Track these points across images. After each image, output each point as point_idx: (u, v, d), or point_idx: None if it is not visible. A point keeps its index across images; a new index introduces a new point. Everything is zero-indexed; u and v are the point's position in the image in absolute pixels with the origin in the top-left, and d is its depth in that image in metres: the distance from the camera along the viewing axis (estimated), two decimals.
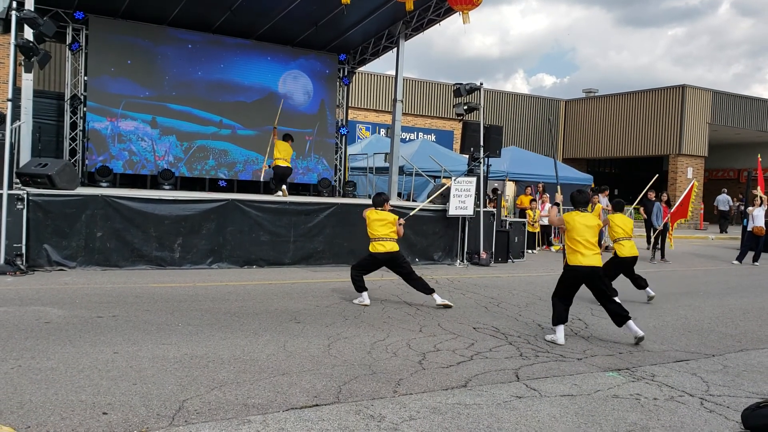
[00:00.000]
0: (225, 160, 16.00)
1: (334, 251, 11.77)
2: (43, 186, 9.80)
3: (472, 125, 13.84)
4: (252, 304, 7.82)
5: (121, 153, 14.81)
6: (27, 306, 7.03)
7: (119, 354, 5.34)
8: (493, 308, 8.38)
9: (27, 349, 5.34)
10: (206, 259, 10.64)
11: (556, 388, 5.04)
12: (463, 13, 12.22)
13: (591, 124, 34.45)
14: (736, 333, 7.59)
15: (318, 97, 17.26)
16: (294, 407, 4.33)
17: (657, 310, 8.80)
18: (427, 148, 20.46)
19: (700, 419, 4.54)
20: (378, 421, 4.16)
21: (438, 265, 12.79)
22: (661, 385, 5.28)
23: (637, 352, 6.37)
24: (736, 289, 11.50)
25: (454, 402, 4.61)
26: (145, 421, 3.96)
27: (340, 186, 17.67)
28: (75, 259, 9.68)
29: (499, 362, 5.75)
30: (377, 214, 8.21)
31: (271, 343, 5.95)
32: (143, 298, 7.82)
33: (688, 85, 29.82)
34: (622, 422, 4.39)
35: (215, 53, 15.78)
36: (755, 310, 9.20)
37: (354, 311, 7.72)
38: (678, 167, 29.85)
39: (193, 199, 10.73)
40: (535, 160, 21.25)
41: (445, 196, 13.05)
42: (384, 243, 8.09)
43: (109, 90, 14.62)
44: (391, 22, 15.32)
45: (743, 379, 5.62)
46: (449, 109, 28.16)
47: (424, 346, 6.15)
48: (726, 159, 36.19)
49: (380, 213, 8.24)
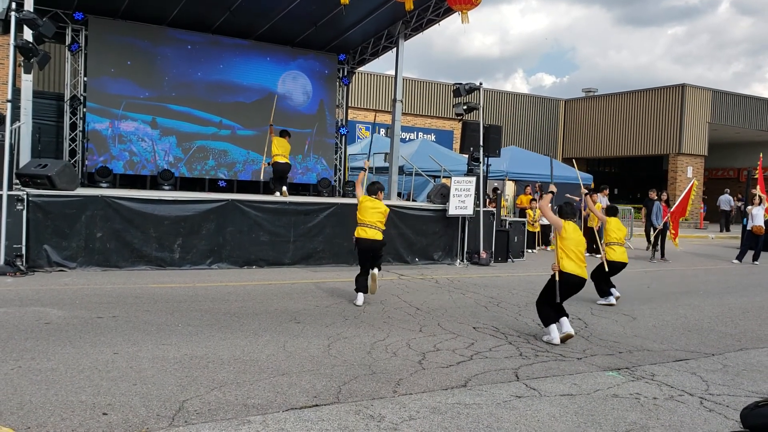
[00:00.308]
0: (225, 161, 16.00)
1: (334, 251, 11.77)
2: (43, 187, 9.80)
3: (472, 125, 13.85)
4: (252, 305, 7.82)
5: (122, 153, 14.82)
6: (27, 307, 7.03)
7: (119, 354, 5.35)
8: (493, 308, 8.38)
9: (27, 350, 5.34)
10: (206, 260, 10.65)
11: (555, 388, 5.05)
12: (462, 12, 12.23)
13: (591, 123, 34.46)
14: (736, 332, 7.59)
15: (317, 97, 17.26)
16: (294, 407, 4.33)
17: (657, 310, 8.80)
18: (427, 147, 20.47)
19: (699, 418, 4.54)
20: (378, 421, 4.17)
21: (438, 264, 12.80)
22: (661, 385, 5.28)
23: (637, 352, 6.38)
24: (736, 288, 11.50)
25: (454, 402, 4.61)
26: (145, 421, 3.96)
27: (340, 186, 17.68)
28: (75, 259, 9.68)
29: (498, 362, 5.75)
30: (372, 201, 8.29)
31: (271, 344, 5.95)
32: (143, 299, 7.82)
33: (687, 84, 29.84)
34: (621, 422, 4.39)
35: (215, 54, 15.78)
36: (755, 310, 9.21)
37: (354, 311, 7.73)
38: (678, 166, 29.87)
39: (193, 200, 10.73)
40: (534, 160, 21.25)
41: (445, 196, 13.06)
42: (367, 229, 8.13)
43: (109, 91, 14.61)
44: (390, 22, 15.32)
45: (743, 378, 5.62)
46: (449, 109, 28.15)
47: (424, 346, 6.15)
48: (726, 158, 36.20)
49: (374, 201, 8.31)
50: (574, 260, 6.59)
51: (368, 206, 8.23)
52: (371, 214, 8.19)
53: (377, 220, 8.20)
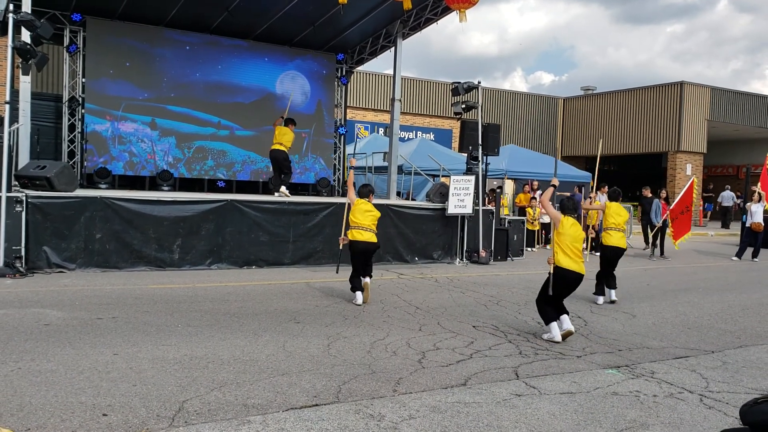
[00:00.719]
0: (223, 161, 16.04)
1: (334, 251, 11.71)
2: (42, 188, 9.79)
3: (471, 124, 13.85)
4: (251, 305, 7.82)
5: (122, 154, 14.85)
6: (26, 308, 7.03)
7: (119, 355, 5.35)
8: (493, 306, 8.38)
9: (27, 352, 5.34)
10: (205, 260, 10.64)
11: (555, 386, 5.05)
12: (460, 11, 12.23)
13: (589, 121, 34.44)
14: (736, 329, 7.60)
15: (316, 97, 17.27)
16: (294, 407, 4.34)
17: (656, 307, 8.81)
18: (426, 146, 20.46)
19: (699, 415, 4.55)
20: (378, 420, 4.17)
21: (437, 263, 12.80)
22: (661, 382, 5.29)
23: (637, 350, 6.38)
24: (736, 285, 11.51)
25: (454, 400, 4.62)
26: (145, 422, 3.96)
27: (339, 185, 17.67)
28: (74, 261, 9.68)
29: (498, 360, 5.75)
30: (365, 204, 8.35)
31: (271, 344, 5.95)
32: (143, 300, 7.82)
33: (686, 81, 29.82)
34: (621, 419, 4.40)
35: (213, 55, 15.81)
36: (754, 306, 9.21)
37: (353, 311, 7.73)
38: (677, 164, 29.86)
39: (192, 200, 10.73)
40: (533, 159, 21.26)
41: (444, 195, 13.06)
42: (363, 232, 8.19)
43: (108, 92, 14.62)
44: (388, 22, 15.31)
45: (742, 375, 5.63)
46: (448, 108, 28.13)
47: (424, 345, 6.16)
48: (725, 155, 36.19)
49: (368, 204, 8.38)
50: (570, 255, 6.57)
51: (363, 209, 8.27)
52: (365, 216, 8.23)
53: (371, 222, 8.27)
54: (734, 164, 36.24)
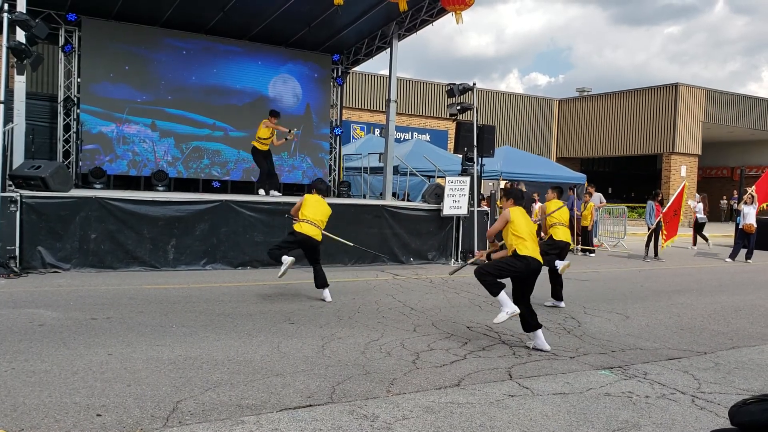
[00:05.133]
0: (218, 160, 16.37)
1: (329, 252, 11.73)
2: (37, 188, 9.78)
3: (466, 125, 13.88)
4: (246, 305, 7.83)
5: (126, 153, 15.20)
6: (21, 308, 7.02)
7: (113, 356, 5.35)
8: (487, 307, 8.41)
9: (20, 352, 5.34)
10: (200, 261, 10.64)
11: (548, 387, 5.08)
12: (455, 13, 12.27)
13: (584, 123, 34.55)
14: (728, 330, 7.64)
15: (311, 97, 17.38)
16: (288, 408, 4.35)
17: (649, 309, 8.85)
18: (422, 148, 20.48)
19: (691, 416, 4.58)
20: (371, 420, 4.19)
21: (432, 264, 12.83)
22: (653, 383, 5.32)
23: (630, 351, 6.41)
24: (729, 286, 11.57)
25: (447, 401, 4.64)
26: (140, 422, 3.97)
27: (335, 186, 17.69)
28: (69, 261, 9.67)
29: (492, 361, 5.78)
30: (319, 201, 8.29)
31: (265, 344, 5.96)
32: (137, 300, 7.82)
33: (681, 83, 29.96)
34: (613, 420, 4.42)
35: (208, 59, 16.16)
36: (747, 308, 9.26)
37: (349, 311, 7.74)
38: (672, 166, 29.98)
39: (187, 201, 10.73)
40: (528, 160, 21.30)
41: (439, 196, 13.09)
42: (307, 226, 8.09)
43: (109, 95, 14.92)
44: (384, 23, 15.34)
45: (734, 376, 5.66)
46: (443, 109, 28.19)
47: (418, 346, 6.17)
48: (719, 157, 36.35)
49: (321, 201, 8.32)
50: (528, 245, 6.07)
51: (314, 203, 8.23)
52: (314, 212, 8.16)
53: (320, 219, 8.23)
54: (729, 166, 36.41)
